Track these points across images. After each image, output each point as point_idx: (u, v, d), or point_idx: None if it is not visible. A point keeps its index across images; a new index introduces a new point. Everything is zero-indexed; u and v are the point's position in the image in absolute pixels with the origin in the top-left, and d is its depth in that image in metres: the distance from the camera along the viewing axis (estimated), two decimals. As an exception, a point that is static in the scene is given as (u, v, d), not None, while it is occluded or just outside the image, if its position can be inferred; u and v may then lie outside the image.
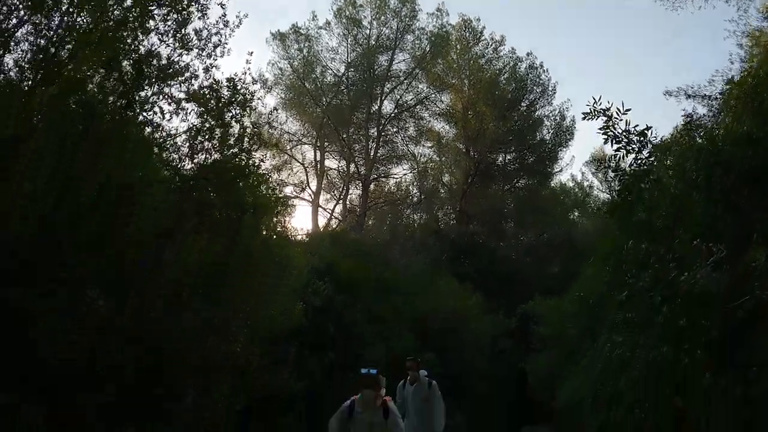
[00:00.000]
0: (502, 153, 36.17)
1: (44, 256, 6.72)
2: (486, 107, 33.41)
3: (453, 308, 20.50)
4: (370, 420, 7.36)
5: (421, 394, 10.46)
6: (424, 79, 35.47)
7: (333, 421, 7.48)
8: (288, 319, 12.08)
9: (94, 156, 7.54)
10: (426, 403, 10.42)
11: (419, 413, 10.53)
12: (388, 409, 7.49)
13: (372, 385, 7.45)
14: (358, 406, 7.43)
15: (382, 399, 7.55)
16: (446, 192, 36.88)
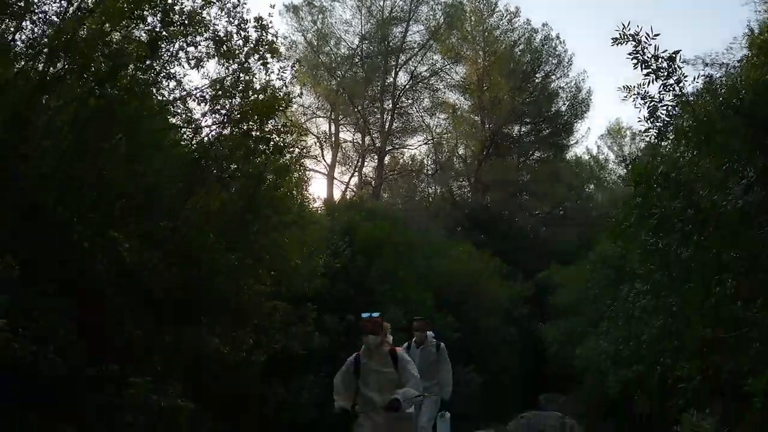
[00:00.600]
0: (518, 125, 35.92)
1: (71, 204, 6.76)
2: (501, 78, 33.19)
3: (471, 273, 20.50)
4: (377, 369, 6.70)
5: (429, 357, 9.55)
6: (439, 51, 35.25)
7: (337, 378, 6.82)
8: (308, 278, 12.03)
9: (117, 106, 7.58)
10: (433, 368, 9.52)
11: (425, 378, 9.17)
12: (396, 357, 6.74)
13: (374, 330, 6.74)
14: (363, 356, 6.75)
15: (390, 346, 6.88)
16: (461, 164, 36.82)
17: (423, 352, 9.58)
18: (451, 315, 17.47)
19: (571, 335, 18.05)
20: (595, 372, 13.85)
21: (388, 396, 6.51)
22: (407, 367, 6.79)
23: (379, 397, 6.61)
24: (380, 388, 6.70)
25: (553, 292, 22.16)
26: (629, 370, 10.97)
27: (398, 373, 6.71)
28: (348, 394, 6.77)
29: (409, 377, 6.69)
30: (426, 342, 9.67)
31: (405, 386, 6.63)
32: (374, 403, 6.65)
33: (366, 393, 6.73)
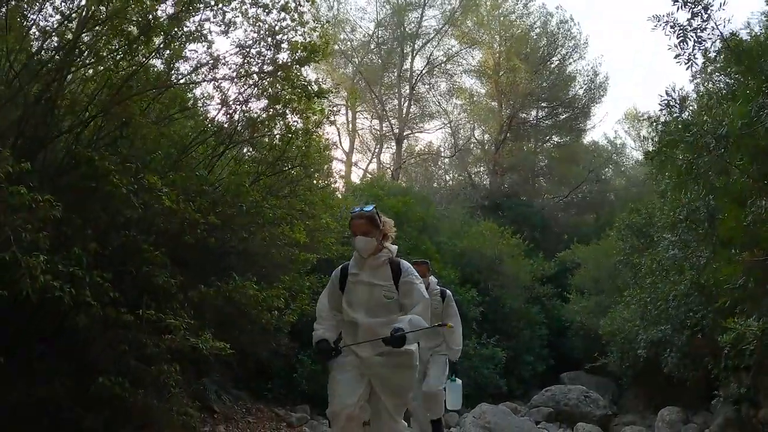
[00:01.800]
0: (535, 109, 35.84)
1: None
2: (517, 63, 33.13)
3: (494, 248, 20.52)
4: (369, 281, 5.09)
5: (434, 307, 7.59)
6: (455, 36, 35.30)
7: (322, 297, 5.42)
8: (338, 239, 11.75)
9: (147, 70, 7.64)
10: (438, 321, 7.49)
11: (428, 331, 7.76)
12: (399, 269, 5.11)
13: (366, 230, 5.05)
14: (351, 266, 5.22)
15: (390, 254, 5.19)
16: (479, 148, 36.83)
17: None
18: (474, 290, 17.47)
19: (595, 311, 18.03)
20: (622, 341, 13.79)
21: (380, 321, 5.02)
22: (414, 285, 5.10)
23: (366, 321, 5.07)
24: (370, 308, 5.11)
25: (575, 272, 22.19)
26: (657, 330, 10.82)
27: (399, 292, 5.08)
28: (333, 322, 5.29)
29: (417, 298, 5.04)
30: (429, 289, 7.48)
31: (410, 312, 4.95)
32: (358, 329, 5.09)
33: (350, 315, 5.14)
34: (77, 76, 7.59)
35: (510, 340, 18.95)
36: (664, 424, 11.18)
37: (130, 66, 7.34)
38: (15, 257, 4.65)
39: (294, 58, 8.28)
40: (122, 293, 6.04)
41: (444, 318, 7.64)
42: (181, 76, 8.42)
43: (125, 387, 6.06)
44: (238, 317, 7.95)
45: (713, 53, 7.54)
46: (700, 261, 8.65)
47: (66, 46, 6.83)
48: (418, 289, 5.12)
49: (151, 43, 7.48)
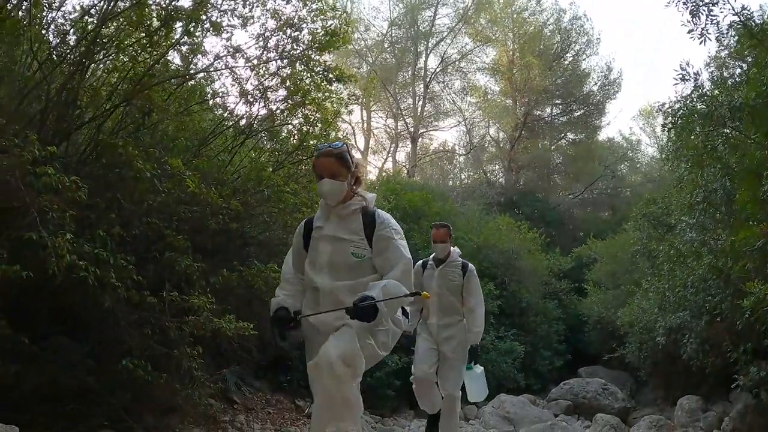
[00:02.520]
0: (549, 106, 35.84)
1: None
2: (531, 60, 33.14)
3: (510, 243, 20.55)
4: (334, 234, 4.18)
5: (452, 281, 7.14)
6: (468, 34, 35.38)
7: (287, 257, 4.53)
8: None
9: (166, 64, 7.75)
10: (457, 297, 7.17)
11: (445, 308, 7.19)
12: (374, 220, 4.15)
13: (334, 171, 4.11)
14: (316, 219, 4.35)
15: (363, 201, 4.22)
16: (494, 146, 36.86)
17: (443, 272, 7.21)
18: (492, 284, 17.49)
19: (612, 304, 18.01)
20: (640, 331, 13.76)
21: (345, 285, 4.08)
22: (393, 241, 4.13)
23: (328, 284, 4.10)
24: (334, 269, 4.14)
25: (591, 266, 22.20)
26: (675, 316, 10.78)
27: (373, 250, 4.13)
28: (299, 287, 4.36)
29: (396, 258, 4.08)
30: (449, 259, 7.24)
31: (387, 276, 4.00)
32: (319, 296, 4.13)
33: (311, 278, 4.20)
34: (99, 68, 7.70)
35: (527, 334, 18.95)
36: (683, 412, 11.16)
37: (151, 57, 7.43)
38: (41, 238, 4.73)
39: (314, 44, 8.32)
40: (145, 277, 6.11)
41: (465, 295, 7.18)
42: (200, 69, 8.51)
43: (148, 370, 6.11)
44: (259, 305, 7.98)
45: (725, 27, 7.59)
46: (718, 244, 8.67)
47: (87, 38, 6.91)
48: (398, 247, 4.12)
49: (171, 34, 7.56)
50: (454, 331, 7.23)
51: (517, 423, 12.01)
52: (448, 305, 7.25)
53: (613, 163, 33.84)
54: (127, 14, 7.10)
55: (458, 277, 7.19)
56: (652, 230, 14.56)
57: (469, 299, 7.22)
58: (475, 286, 7.28)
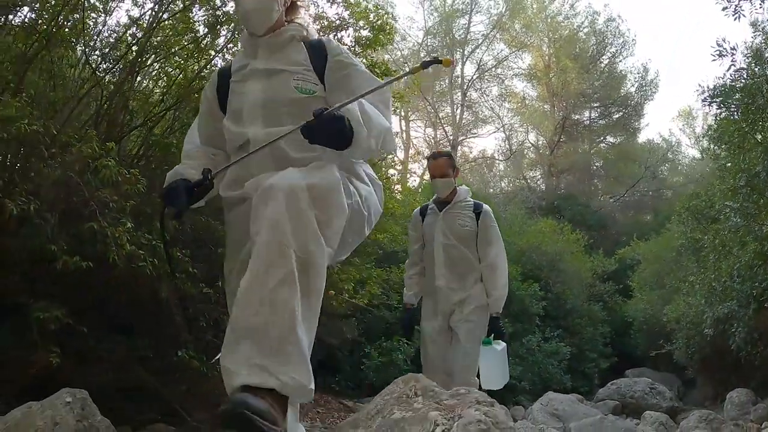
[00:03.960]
0: (588, 109, 35.72)
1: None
2: (569, 61, 33.09)
3: (553, 245, 20.53)
4: (266, 68, 3.09)
5: (461, 227, 5.60)
6: (503, 41, 35.43)
7: (191, 129, 3.56)
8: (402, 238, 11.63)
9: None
10: (469, 249, 5.63)
11: (455, 265, 5.65)
12: (323, 46, 3.09)
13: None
14: (237, 59, 3.35)
15: (302, 29, 3.17)
16: (533, 151, 36.82)
17: (450, 218, 5.67)
18: (536, 285, 17.49)
19: (657, 304, 17.90)
20: (687, 326, 13.67)
21: (281, 131, 2.82)
22: (355, 68, 3.05)
23: (262, 133, 2.94)
24: (269, 113, 3.00)
25: (635, 269, 22.07)
26: (723, 306, 10.69)
27: (328, 84, 3.03)
28: (205, 161, 3.21)
29: (359, 82, 2.95)
30: (455, 199, 5.69)
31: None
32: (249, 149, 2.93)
33: (234, 133, 3.07)
34: (148, 75, 7.92)
35: (573, 337, 18.89)
36: (732, 406, 11.07)
37: (198, 64, 7.63)
38: (101, 228, 4.91)
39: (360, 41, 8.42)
40: (199, 271, 6.26)
41: (481, 246, 5.61)
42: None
43: (203, 361, 6.23)
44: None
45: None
46: (762, 230, 8.64)
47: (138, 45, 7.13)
48: (363, 72, 3.05)
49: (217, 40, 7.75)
50: (468, 294, 5.60)
51: (566, 420, 11.96)
52: (460, 261, 5.64)
53: (653, 165, 33.57)
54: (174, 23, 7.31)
55: (470, 222, 5.61)
56: (695, 223, 14.46)
57: (488, 251, 5.59)
58: (494, 234, 5.64)
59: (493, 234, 5.68)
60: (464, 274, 5.68)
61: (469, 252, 5.67)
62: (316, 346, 2.79)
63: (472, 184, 35.49)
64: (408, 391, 2.26)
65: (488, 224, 5.67)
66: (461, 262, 5.69)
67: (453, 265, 5.70)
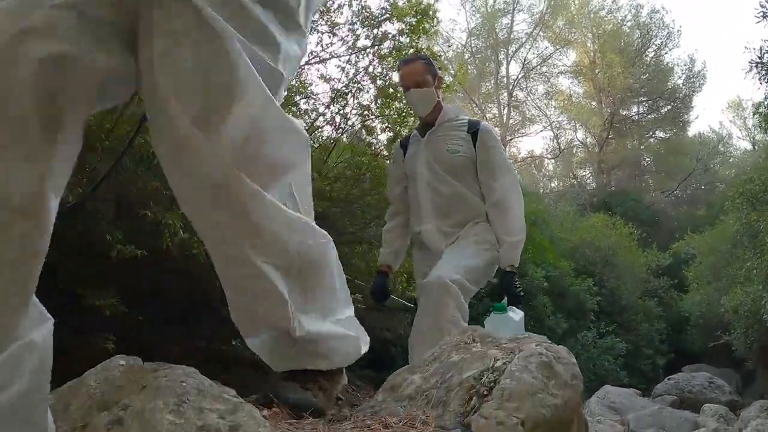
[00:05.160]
0: (635, 104, 35.37)
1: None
2: (614, 56, 32.82)
3: (606, 240, 20.36)
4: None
5: (450, 153, 4.11)
6: (547, 38, 35.37)
7: None
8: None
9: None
10: (464, 182, 4.11)
11: (447, 204, 4.11)
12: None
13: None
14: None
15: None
16: (582, 149, 36.55)
17: (435, 143, 4.18)
18: (590, 280, 17.34)
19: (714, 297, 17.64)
20: (746, 314, 13.45)
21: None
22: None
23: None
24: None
25: (690, 263, 21.78)
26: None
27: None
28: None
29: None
30: (440, 118, 4.18)
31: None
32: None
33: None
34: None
35: (628, 333, 18.67)
36: (796, 395, 10.91)
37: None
38: (155, 216, 4.99)
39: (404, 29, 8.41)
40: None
41: (484, 178, 4.06)
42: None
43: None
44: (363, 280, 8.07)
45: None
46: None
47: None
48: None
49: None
50: (466, 239, 4.04)
51: (623, 412, 11.88)
52: (453, 202, 4.09)
53: (704, 158, 33.13)
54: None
55: (464, 146, 4.09)
56: (750, 208, 14.22)
57: (493, 186, 4.04)
58: (498, 160, 4.11)
59: (498, 160, 4.11)
60: (461, 222, 4.09)
61: (466, 188, 4.09)
62: (372, 340, 2.80)
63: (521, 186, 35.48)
64: (466, 339, 2.27)
65: (490, 146, 4.09)
66: (455, 203, 4.09)
67: (444, 209, 4.12)
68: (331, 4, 8.22)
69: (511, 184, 4.09)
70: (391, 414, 2.01)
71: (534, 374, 1.89)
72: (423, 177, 4.17)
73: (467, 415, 1.84)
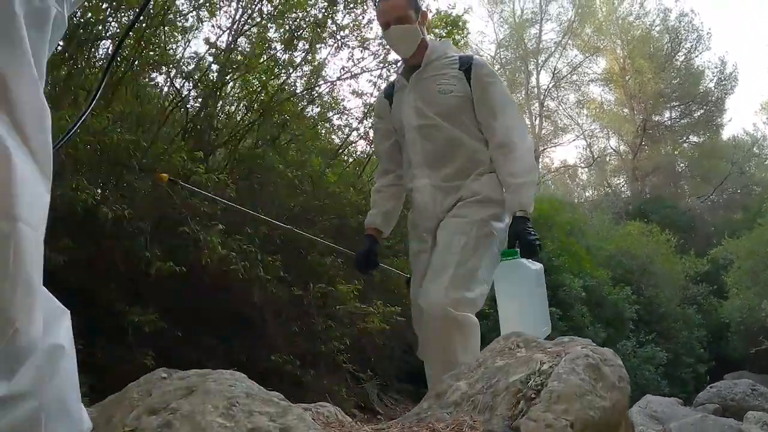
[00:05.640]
0: (667, 109, 35.04)
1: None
2: (644, 62, 32.59)
3: (643, 248, 20.15)
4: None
5: (445, 90, 3.49)
6: (576, 47, 35.23)
7: None
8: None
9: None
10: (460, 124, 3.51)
11: (440, 153, 3.53)
12: None
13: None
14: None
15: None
16: (616, 157, 36.31)
17: (423, 85, 3.58)
18: (628, 288, 17.16)
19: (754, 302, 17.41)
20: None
21: None
22: None
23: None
24: None
25: (729, 268, 21.49)
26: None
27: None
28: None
29: None
30: (427, 57, 3.59)
31: None
32: None
33: None
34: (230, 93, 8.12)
35: (668, 341, 18.41)
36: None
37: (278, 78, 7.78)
38: (193, 232, 5.04)
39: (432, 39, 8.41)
40: (290, 276, 6.35)
41: (483, 117, 3.47)
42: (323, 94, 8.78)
43: (296, 365, 6.30)
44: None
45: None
46: None
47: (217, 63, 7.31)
48: None
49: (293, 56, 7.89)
50: (463, 194, 3.48)
51: (665, 422, 11.69)
52: (448, 144, 3.50)
53: (739, 161, 32.73)
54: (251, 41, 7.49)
55: (456, 85, 3.47)
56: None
57: (493, 125, 3.47)
58: (498, 95, 3.51)
59: (497, 95, 3.51)
60: (459, 171, 3.50)
61: (462, 131, 3.50)
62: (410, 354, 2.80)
63: (555, 196, 35.39)
64: (510, 345, 2.26)
65: (487, 82, 3.49)
66: (451, 150, 3.50)
67: (438, 158, 3.52)
68: (360, 19, 8.28)
69: (514, 121, 3.54)
70: (438, 420, 2.01)
71: (581, 376, 1.88)
72: (412, 125, 3.57)
73: (515, 419, 1.83)
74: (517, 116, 3.63)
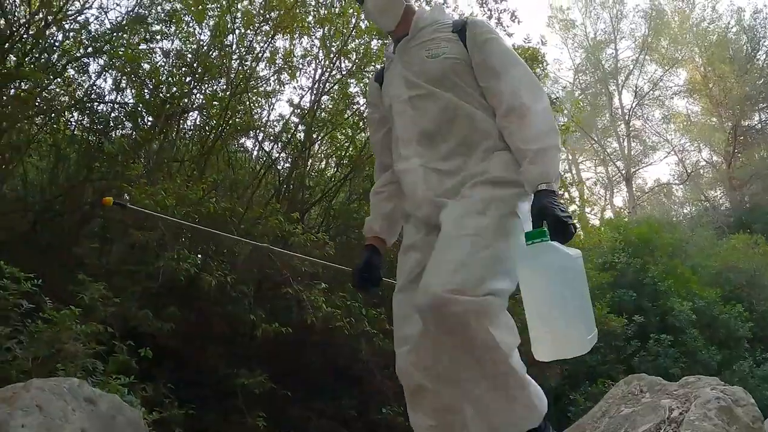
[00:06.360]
0: (756, 112, 33.81)
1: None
2: (725, 66, 31.75)
3: (750, 261, 19.36)
4: None
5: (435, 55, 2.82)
6: (654, 62, 34.61)
7: None
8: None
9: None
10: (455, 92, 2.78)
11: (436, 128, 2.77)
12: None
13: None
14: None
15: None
16: (710, 169, 35.27)
17: (410, 52, 2.93)
18: (740, 305, 16.48)
19: None
20: None
21: None
22: None
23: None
24: None
25: None
26: None
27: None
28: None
29: None
30: (414, 24, 2.96)
31: None
32: None
33: None
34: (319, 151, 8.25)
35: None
36: None
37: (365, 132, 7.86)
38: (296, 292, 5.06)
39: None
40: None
41: (485, 81, 2.79)
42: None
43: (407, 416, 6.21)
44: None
45: None
46: None
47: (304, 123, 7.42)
48: None
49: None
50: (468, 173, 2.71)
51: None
52: (443, 114, 2.80)
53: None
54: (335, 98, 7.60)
55: (450, 47, 2.85)
56: None
57: (498, 87, 2.77)
58: (500, 53, 2.83)
59: (499, 53, 2.84)
60: (459, 147, 2.77)
61: (460, 98, 2.81)
62: None
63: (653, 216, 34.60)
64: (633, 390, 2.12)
65: (485, 39, 2.85)
66: (447, 121, 2.79)
67: (432, 132, 2.82)
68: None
69: (522, 79, 2.76)
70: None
71: (714, 422, 1.78)
72: (401, 97, 2.90)
73: (652, 472, 1.72)
74: (526, 74, 2.80)
